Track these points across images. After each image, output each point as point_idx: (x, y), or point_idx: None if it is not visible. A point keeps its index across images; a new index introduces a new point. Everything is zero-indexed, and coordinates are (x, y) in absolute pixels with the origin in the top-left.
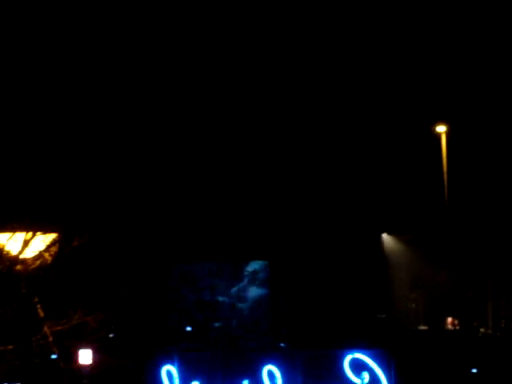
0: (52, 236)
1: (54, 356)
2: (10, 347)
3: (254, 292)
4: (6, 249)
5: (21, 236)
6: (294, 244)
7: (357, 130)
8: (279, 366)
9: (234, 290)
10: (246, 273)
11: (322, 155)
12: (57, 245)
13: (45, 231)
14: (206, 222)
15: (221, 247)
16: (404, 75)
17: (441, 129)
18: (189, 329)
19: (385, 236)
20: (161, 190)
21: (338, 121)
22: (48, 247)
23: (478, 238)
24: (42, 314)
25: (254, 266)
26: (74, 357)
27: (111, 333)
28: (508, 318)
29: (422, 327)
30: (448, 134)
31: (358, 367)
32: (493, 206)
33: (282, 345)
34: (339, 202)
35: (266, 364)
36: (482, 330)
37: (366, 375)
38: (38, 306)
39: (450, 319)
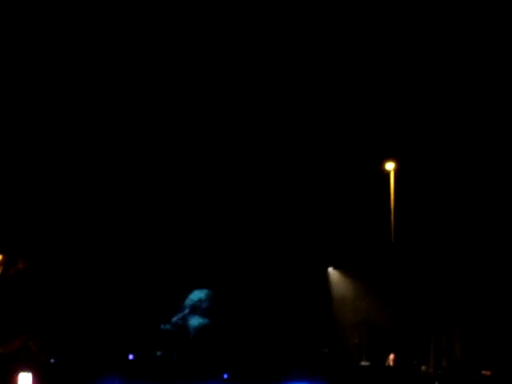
0: None
1: None
2: None
3: (195, 321)
4: None
5: None
6: (239, 274)
7: (304, 165)
8: None
9: (174, 318)
10: (189, 301)
11: (270, 188)
12: (1, 267)
13: None
14: (149, 251)
15: (166, 276)
16: (352, 113)
17: (389, 166)
18: (131, 357)
19: (331, 270)
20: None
21: (286, 155)
22: None
23: (422, 275)
24: None
25: (198, 295)
26: (14, 381)
27: (52, 358)
28: (450, 357)
29: (364, 363)
30: (397, 171)
31: None
32: (439, 244)
33: (224, 376)
34: (286, 235)
35: None
36: (423, 367)
37: None
38: None
39: (391, 356)
